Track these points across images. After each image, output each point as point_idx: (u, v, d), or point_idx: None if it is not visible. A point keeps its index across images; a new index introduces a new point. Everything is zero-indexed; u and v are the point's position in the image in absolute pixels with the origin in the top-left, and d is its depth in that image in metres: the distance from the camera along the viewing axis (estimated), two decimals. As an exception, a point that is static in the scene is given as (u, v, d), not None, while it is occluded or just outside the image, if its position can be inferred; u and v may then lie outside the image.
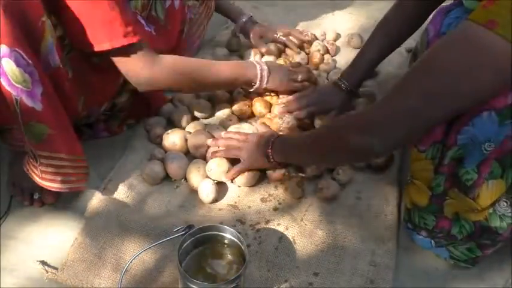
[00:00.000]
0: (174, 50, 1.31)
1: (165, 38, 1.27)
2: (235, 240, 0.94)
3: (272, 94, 1.37)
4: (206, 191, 1.12)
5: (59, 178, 1.04)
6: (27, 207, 1.13)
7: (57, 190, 1.06)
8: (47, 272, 1.00)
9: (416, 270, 1.03)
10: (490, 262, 1.02)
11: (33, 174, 1.05)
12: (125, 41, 1.03)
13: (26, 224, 1.10)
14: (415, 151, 0.92)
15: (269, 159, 1.11)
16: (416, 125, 0.84)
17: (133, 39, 1.04)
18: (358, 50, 1.59)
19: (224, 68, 1.24)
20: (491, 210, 0.90)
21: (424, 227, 0.99)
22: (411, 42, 1.58)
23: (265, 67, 1.29)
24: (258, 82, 1.28)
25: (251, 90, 1.31)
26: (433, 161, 0.90)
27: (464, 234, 0.95)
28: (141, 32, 1.10)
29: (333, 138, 0.96)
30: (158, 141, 1.26)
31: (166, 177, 1.20)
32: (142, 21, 1.20)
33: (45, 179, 1.03)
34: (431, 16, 1.03)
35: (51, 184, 1.04)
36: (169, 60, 1.15)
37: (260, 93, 1.37)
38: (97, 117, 1.26)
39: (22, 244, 1.06)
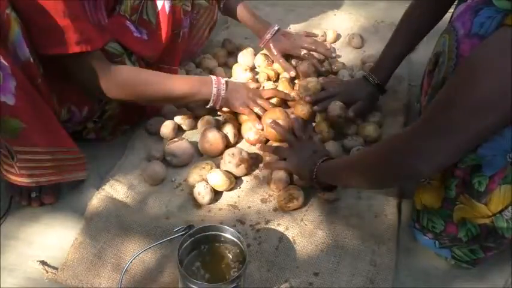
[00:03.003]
0: (169, 54, 1.30)
1: (156, 42, 1.24)
2: (235, 240, 0.94)
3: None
4: (202, 193, 1.12)
5: (37, 172, 1.04)
6: (28, 207, 1.12)
7: (35, 185, 1.06)
8: (47, 272, 1.00)
9: (416, 270, 1.03)
10: (490, 262, 1.02)
11: (7, 174, 1.05)
12: (77, 49, 1.01)
13: (26, 224, 1.10)
14: None
15: (311, 176, 1.07)
16: (464, 142, 0.79)
17: (87, 48, 1.02)
18: (358, 50, 1.62)
19: (179, 83, 1.20)
20: (497, 214, 0.90)
21: (431, 230, 0.99)
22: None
23: (222, 86, 1.23)
24: (211, 102, 1.23)
25: (207, 106, 1.24)
26: None
27: (470, 236, 0.95)
28: (100, 41, 1.08)
29: (380, 161, 0.91)
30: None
31: (166, 178, 1.20)
32: (132, 27, 1.18)
33: (23, 176, 1.03)
34: (456, 12, 0.97)
35: (29, 180, 1.04)
36: (124, 71, 1.13)
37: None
38: (85, 125, 1.23)
39: (22, 244, 1.06)
